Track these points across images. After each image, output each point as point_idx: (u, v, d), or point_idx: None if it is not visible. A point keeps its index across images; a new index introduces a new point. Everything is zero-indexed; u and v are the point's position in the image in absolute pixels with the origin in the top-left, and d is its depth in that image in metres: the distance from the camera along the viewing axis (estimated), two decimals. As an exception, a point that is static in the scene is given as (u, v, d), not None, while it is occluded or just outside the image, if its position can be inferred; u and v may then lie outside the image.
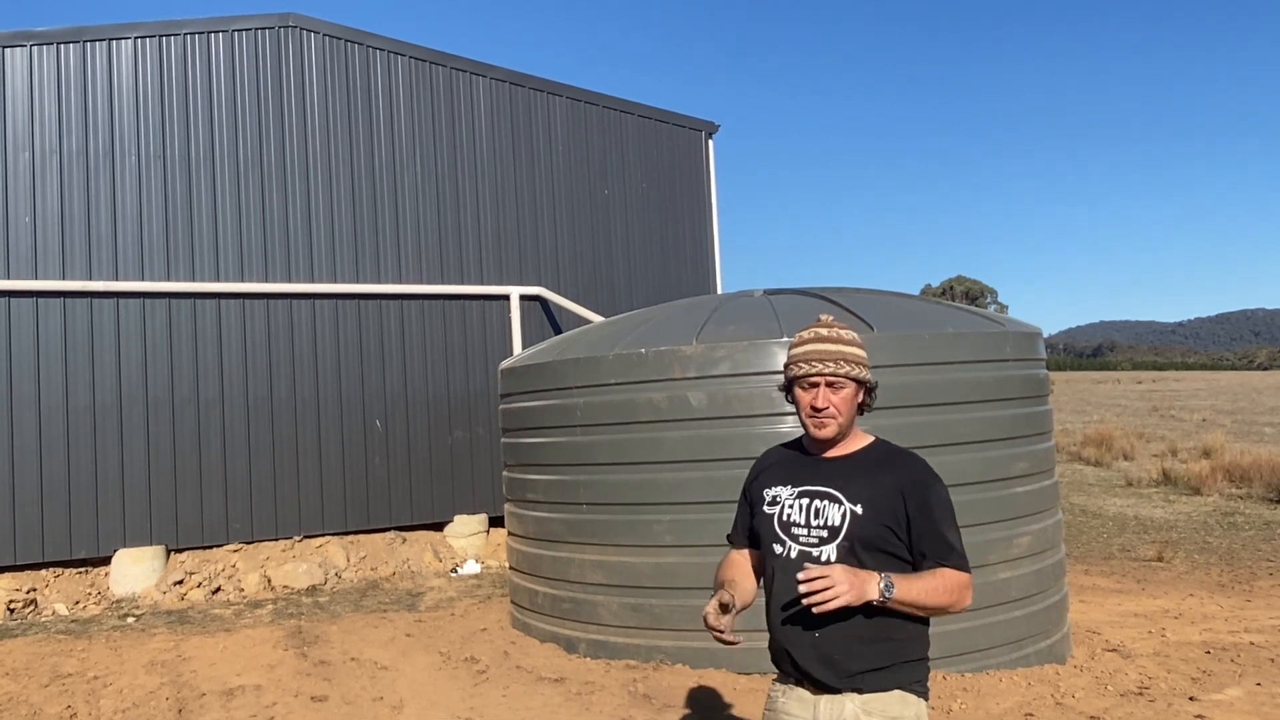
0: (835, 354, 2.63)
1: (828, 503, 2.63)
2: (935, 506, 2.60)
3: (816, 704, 2.59)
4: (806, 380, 2.65)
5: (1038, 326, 7.04)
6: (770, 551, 2.71)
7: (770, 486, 2.76)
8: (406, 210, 11.06)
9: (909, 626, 2.60)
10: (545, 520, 7.08)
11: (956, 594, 2.55)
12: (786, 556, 2.65)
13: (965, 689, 5.69)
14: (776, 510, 2.70)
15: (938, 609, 2.55)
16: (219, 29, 10.30)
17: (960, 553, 2.60)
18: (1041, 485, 6.51)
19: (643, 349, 6.47)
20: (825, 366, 2.61)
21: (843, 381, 2.63)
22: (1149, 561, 9.89)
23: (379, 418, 10.68)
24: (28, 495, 9.13)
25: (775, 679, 2.76)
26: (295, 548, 10.08)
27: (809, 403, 2.65)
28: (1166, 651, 6.46)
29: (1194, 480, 14.37)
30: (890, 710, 2.56)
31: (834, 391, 2.63)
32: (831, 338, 2.66)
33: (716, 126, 13.59)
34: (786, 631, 2.62)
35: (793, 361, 2.70)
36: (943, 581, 2.53)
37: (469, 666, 6.58)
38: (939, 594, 2.52)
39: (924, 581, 2.52)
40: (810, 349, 2.66)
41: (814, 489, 2.67)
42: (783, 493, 2.71)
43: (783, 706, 2.67)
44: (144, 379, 9.64)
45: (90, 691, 6.30)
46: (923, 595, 2.50)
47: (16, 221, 9.34)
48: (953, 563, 2.57)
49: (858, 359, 2.65)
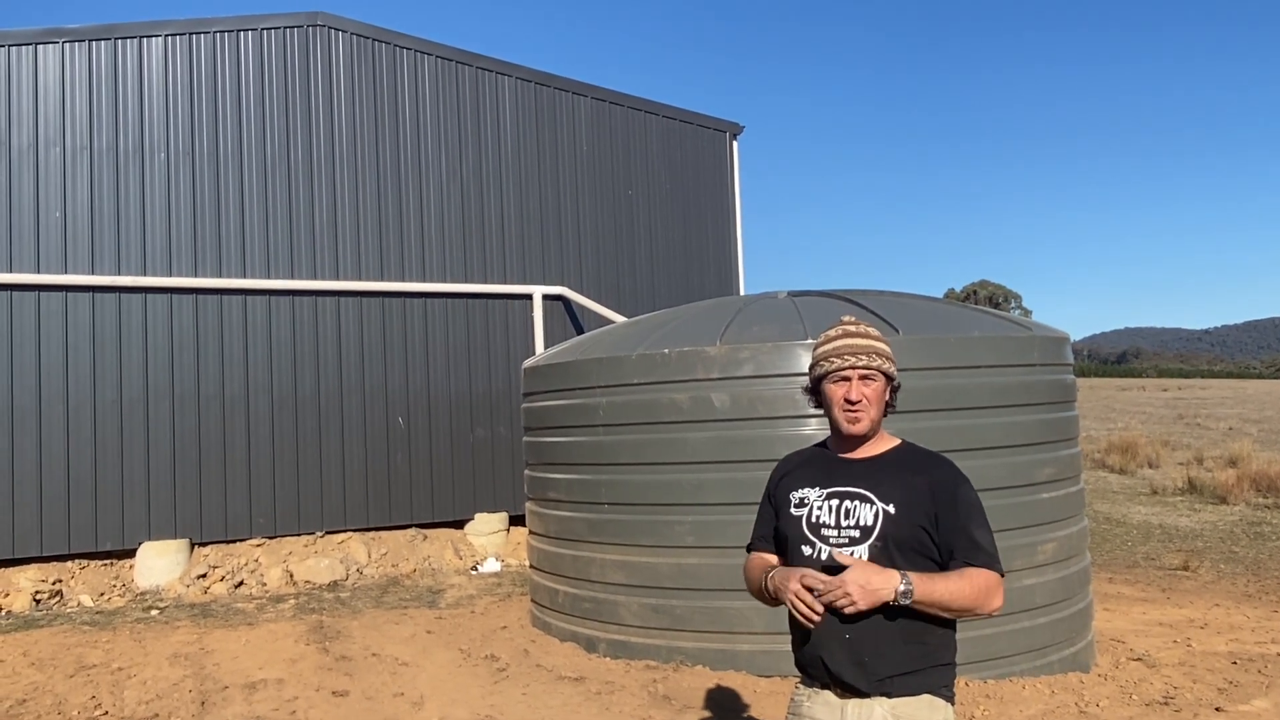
0: (865, 348, 2.65)
1: (858, 503, 2.60)
2: (963, 505, 2.58)
3: (844, 708, 2.56)
4: (839, 374, 2.65)
5: (1065, 331, 6.98)
6: (798, 554, 2.66)
7: (797, 489, 2.72)
8: (431, 209, 11.11)
9: (938, 631, 2.57)
10: (567, 519, 7.08)
11: (983, 594, 2.50)
12: (816, 558, 2.62)
13: (988, 696, 5.64)
14: (805, 512, 2.67)
15: (964, 610, 2.50)
16: (248, 27, 10.39)
17: (989, 553, 2.55)
18: (1067, 491, 6.46)
19: (666, 349, 6.46)
20: (858, 360, 2.63)
21: (874, 374, 2.64)
22: (1174, 570, 9.78)
23: (401, 415, 10.73)
24: (55, 488, 9.23)
25: (798, 682, 2.72)
26: (317, 543, 10.14)
27: (842, 396, 2.64)
28: (1192, 661, 6.39)
29: (1220, 489, 14.20)
30: (919, 715, 2.53)
31: (866, 385, 2.63)
32: (859, 333, 2.69)
33: (741, 127, 13.56)
34: (817, 634, 2.57)
35: (823, 358, 2.70)
36: (969, 582, 2.49)
37: (489, 664, 6.59)
38: (964, 595, 2.47)
39: (948, 582, 2.48)
40: (841, 344, 2.67)
41: (843, 489, 2.64)
42: (811, 494, 2.68)
43: (808, 711, 2.63)
44: (170, 374, 9.73)
45: (114, 682, 6.36)
46: (946, 595, 2.46)
47: (47, 216, 9.44)
48: (980, 561, 2.53)
49: (886, 354, 2.68)
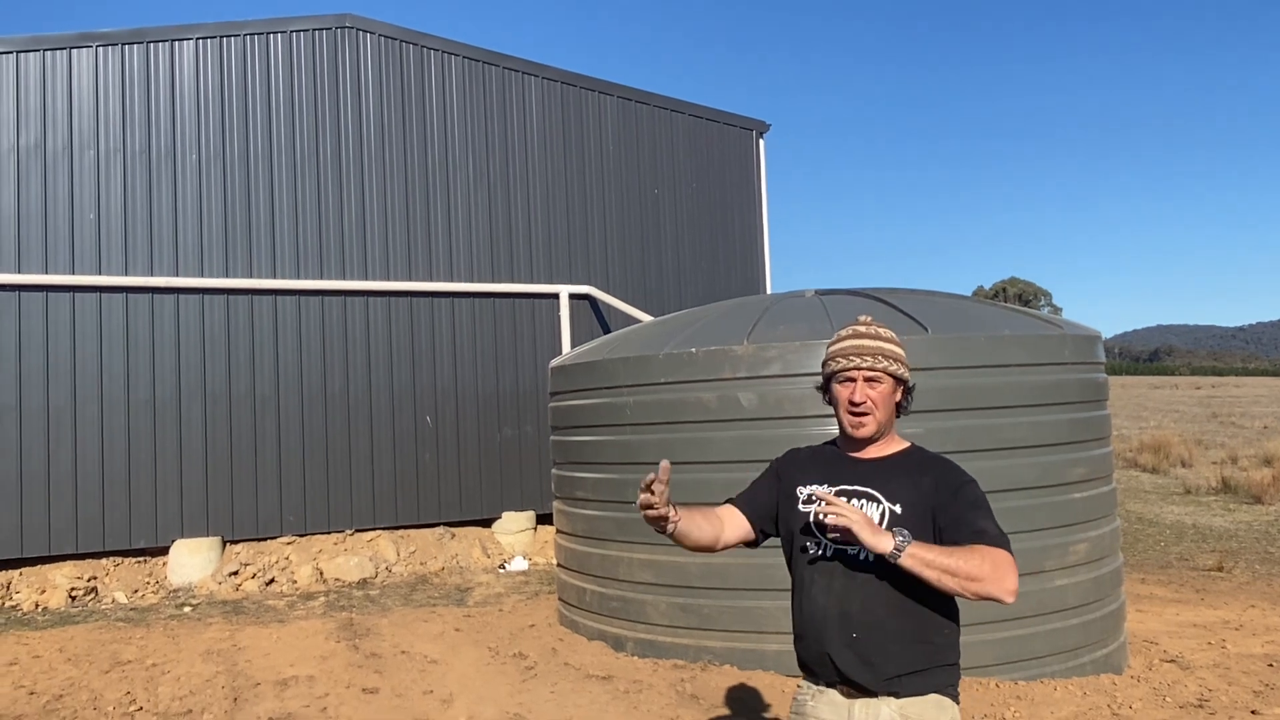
0: (873, 349, 2.62)
1: (865, 502, 2.59)
2: (964, 498, 2.53)
3: (851, 708, 2.55)
4: (844, 375, 2.64)
5: (1097, 329, 6.90)
6: (801, 551, 2.66)
7: (804, 484, 2.72)
8: (458, 209, 11.16)
9: (945, 630, 2.56)
10: (594, 518, 7.10)
11: (992, 569, 2.34)
12: (821, 555, 2.61)
13: (1019, 697, 5.60)
14: (812, 508, 2.65)
15: (971, 580, 2.33)
16: (278, 29, 10.48)
17: (994, 535, 2.43)
18: (1099, 491, 6.39)
19: (693, 349, 6.45)
20: (863, 361, 2.61)
21: (880, 377, 2.61)
22: (1208, 571, 9.66)
23: (429, 414, 10.79)
24: (90, 486, 9.37)
25: (801, 681, 2.71)
26: (347, 541, 10.23)
27: (846, 398, 2.63)
28: (1227, 663, 6.30)
29: (1255, 489, 13.99)
30: (927, 714, 2.52)
31: (871, 387, 2.61)
32: (869, 334, 2.67)
33: (767, 126, 13.53)
34: (824, 634, 2.56)
35: (830, 358, 2.70)
36: (976, 554, 2.36)
37: (517, 662, 6.62)
38: (969, 565, 2.33)
39: (954, 551, 2.37)
40: (848, 345, 2.66)
41: (851, 488, 2.63)
42: (818, 491, 2.66)
43: (812, 710, 2.61)
44: (202, 373, 9.85)
45: (149, 678, 6.44)
46: (948, 558, 2.33)
47: (81, 218, 9.58)
48: (985, 541, 2.41)
49: (896, 356, 2.64)
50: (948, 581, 2.35)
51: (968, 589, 2.35)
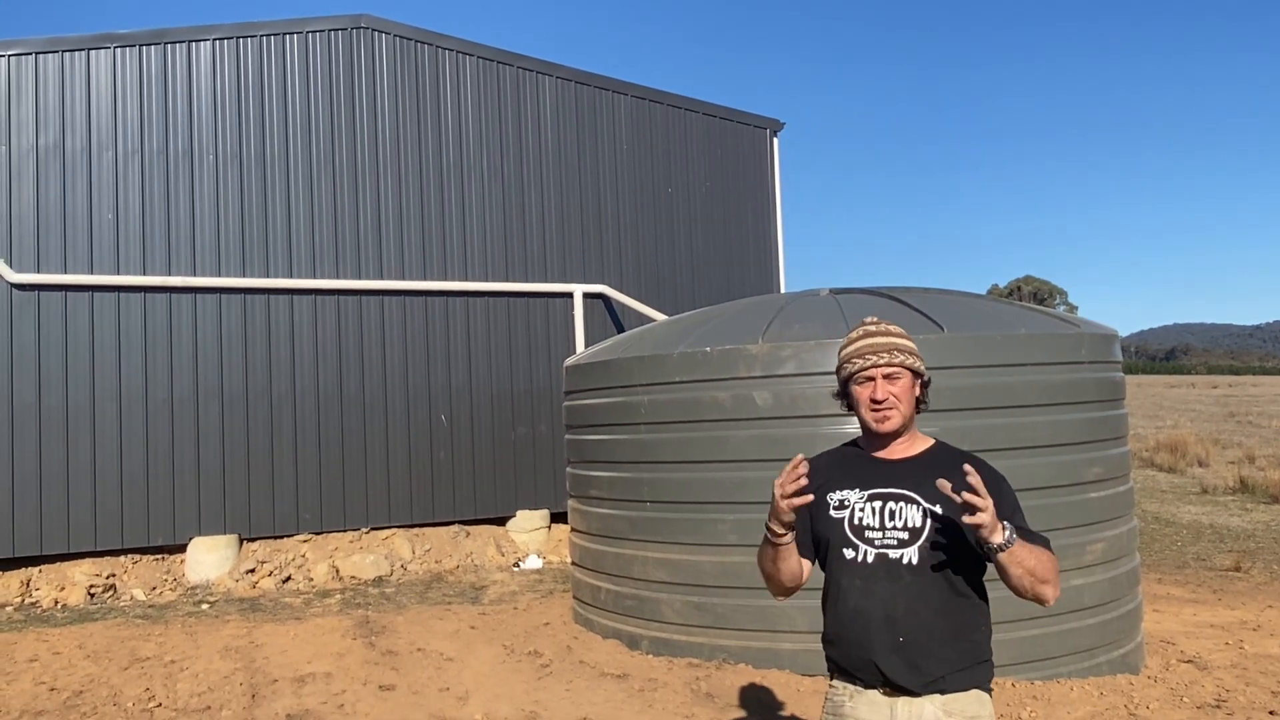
0: (887, 345, 2.62)
1: (904, 504, 2.57)
2: (1006, 498, 2.55)
3: (893, 706, 2.53)
4: (862, 375, 2.63)
5: (1114, 328, 6.87)
6: (839, 557, 2.62)
7: (835, 490, 2.66)
8: (473, 208, 11.19)
9: (983, 628, 2.58)
10: (608, 517, 7.11)
11: (1054, 571, 2.44)
12: (861, 561, 2.58)
13: (1035, 697, 5.58)
14: (846, 514, 2.62)
15: (1043, 582, 2.41)
16: (294, 30, 10.53)
17: (1042, 538, 2.51)
18: (1116, 491, 6.37)
19: (708, 347, 6.46)
20: (880, 358, 2.61)
21: (899, 371, 2.61)
22: (1225, 571, 9.60)
23: (444, 413, 10.83)
24: (108, 484, 9.44)
25: (834, 681, 2.67)
26: (362, 539, 10.27)
27: (868, 397, 2.62)
28: (1245, 664, 6.27)
29: (1273, 488, 13.90)
30: (969, 710, 2.52)
31: (891, 383, 2.60)
32: (880, 332, 2.67)
33: (782, 124, 13.51)
34: (867, 638, 2.54)
35: (845, 360, 2.68)
36: (1043, 556, 2.43)
37: (532, 660, 6.64)
38: (1046, 565, 2.42)
39: (1036, 551, 2.42)
40: (861, 344, 2.65)
41: (886, 491, 2.60)
42: (851, 495, 2.63)
43: (851, 711, 2.58)
44: (219, 372, 9.91)
45: (167, 675, 6.49)
46: (1032, 559, 2.39)
47: (100, 218, 9.65)
48: (1038, 545, 2.48)
49: (910, 350, 2.65)
50: (1025, 580, 2.41)
51: (1035, 589, 2.42)
